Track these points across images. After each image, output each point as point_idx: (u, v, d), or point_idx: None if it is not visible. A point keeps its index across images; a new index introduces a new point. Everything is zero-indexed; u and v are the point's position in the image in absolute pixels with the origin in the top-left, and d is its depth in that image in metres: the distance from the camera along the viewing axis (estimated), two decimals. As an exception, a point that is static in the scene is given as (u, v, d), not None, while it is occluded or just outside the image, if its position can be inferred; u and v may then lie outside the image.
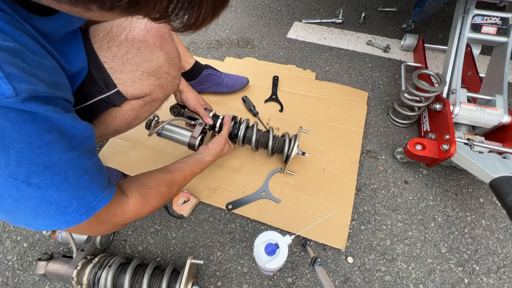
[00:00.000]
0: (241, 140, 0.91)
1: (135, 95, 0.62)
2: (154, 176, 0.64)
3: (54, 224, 0.40)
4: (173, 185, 0.67)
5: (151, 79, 0.62)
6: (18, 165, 0.34)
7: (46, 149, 0.35)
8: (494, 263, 0.85)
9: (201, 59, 1.17)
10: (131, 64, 0.58)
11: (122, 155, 1.05)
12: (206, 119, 0.88)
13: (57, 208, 0.39)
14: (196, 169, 0.77)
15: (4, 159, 0.32)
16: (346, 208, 0.92)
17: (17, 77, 0.31)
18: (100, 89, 0.58)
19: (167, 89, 0.67)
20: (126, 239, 0.90)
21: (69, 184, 0.39)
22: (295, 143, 0.88)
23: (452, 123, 0.88)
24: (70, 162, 0.39)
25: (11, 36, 0.33)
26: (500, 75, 0.95)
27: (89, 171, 0.43)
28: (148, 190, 0.58)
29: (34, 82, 0.33)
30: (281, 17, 1.63)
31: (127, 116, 0.64)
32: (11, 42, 0.33)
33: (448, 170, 1.02)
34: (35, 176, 0.35)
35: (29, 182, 0.35)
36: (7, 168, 0.33)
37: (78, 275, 0.73)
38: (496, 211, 0.93)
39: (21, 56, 0.34)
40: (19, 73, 0.32)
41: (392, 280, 0.82)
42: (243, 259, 0.86)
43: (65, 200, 0.39)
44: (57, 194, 0.38)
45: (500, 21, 0.98)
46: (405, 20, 1.52)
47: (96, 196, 0.43)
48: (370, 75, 1.32)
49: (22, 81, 0.32)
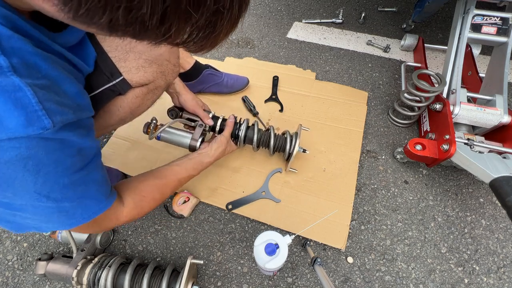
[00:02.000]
0: (242, 140, 0.91)
1: (139, 82, 0.64)
2: (148, 181, 0.66)
3: (60, 226, 0.46)
4: (167, 191, 0.70)
5: (153, 66, 0.64)
6: (43, 184, 0.40)
7: (67, 172, 0.42)
8: (494, 263, 0.85)
9: (201, 59, 1.17)
10: (134, 52, 0.61)
11: (122, 155, 1.05)
12: (207, 120, 0.88)
13: (66, 215, 0.45)
14: (193, 172, 0.78)
15: (34, 179, 0.39)
16: (346, 208, 0.92)
17: (54, 111, 0.37)
18: (106, 78, 0.60)
19: (168, 77, 0.70)
20: (126, 239, 0.90)
21: (79, 196, 0.46)
22: (296, 141, 0.88)
23: (452, 123, 0.88)
24: (83, 178, 0.46)
25: (45, 72, 0.39)
26: (500, 75, 0.95)
27: (97, 183, 0.49)
28: (141, 199, 0.62)
29: (65, 112, 0.40)
30: (281, 17, 1.63)
31: (131, 104, 0.66)
32: (44, 78, 0.38)
33: (448, 170, 1.02)
34: (54, 192, 0.42)
35: (49, 196, 0.41)
36: (34, 185, 0.39)
37: (78, 275, 0.73)
38: (496, 211, 0.93)
39: (54, 89, 0.40)
40: (55, 106, 0.38)
41: (392, 280, 0.82)
42: (243, 259, 0.85)
43: (73, 208, 0.45)
44: (68, 204, 0.44)
45: (500, 21, 0.98)
46: (405, 20, 1.52)
47: (98, 203, 0.49)
48: (370, 75, 1.32)
49: (57, 114, 0.38)
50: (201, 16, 0.26)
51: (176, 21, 0.26)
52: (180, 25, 0.27)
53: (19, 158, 0.36)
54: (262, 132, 0.93)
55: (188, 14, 0.25)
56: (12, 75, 0.33)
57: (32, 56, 0.38)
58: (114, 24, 0.26)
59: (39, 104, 0.35)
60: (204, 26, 0.28)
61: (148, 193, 0.64)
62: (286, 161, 0.97)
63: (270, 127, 0.93)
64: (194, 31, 0.28)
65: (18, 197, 0.40)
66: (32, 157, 0.37)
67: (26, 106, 0.34)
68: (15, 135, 0.34)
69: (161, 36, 0.28)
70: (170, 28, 0.27)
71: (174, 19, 0.26)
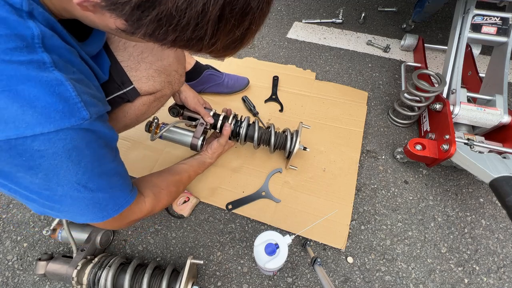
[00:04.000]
0: (243, 138, 0.91)
1: (148, 91, 0.66)
2: (163, 177, 0.71)
3: (93, 218, 0.49)
4: (180, 185, 0.75)
5: (162, 76, 0.67)
6: (83, 174, 0.43)
7: (101, 161, 0.45)
8: (494, 263, 0.85)
9: (201, 59, 1.17)
10: (145, 63, 0.64)
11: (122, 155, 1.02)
12: (207, 118, 0.89)
13: (100, 206, 0.48)
14: (198, 170, 0.85)
15: (76, 169, 0.41)
16: (346, 208, 0.92)
17: (89, 103, 0.40)
18: (117, 86, 0.62)
19: (174, 86, 0.73)
20: (126, 239, 0.90)
21: (111, 187, 0.49)
22: (297, 138, 0.88)
23: (452, 123, 0.88)
24: (113, 169, 0.49)
25: (77, 66, 0.43)
26: (500, 75, 0.95)
27: (122, 175, 0.52)
28: (160, 191, 0.66)
29: (97, 104, 0.43)
30: (281, 17, 1.63)
31: (138, 111, 0.69)
32: (78, 73, 0.42)
33: (448, 170, 1.02)
34: (91, 182, 0.44)
35: (86, 186, 0.44)
36: (76, 175, 0.42)
37: (78, 275, 0.73)
38: (496, 211, 0.93)
39: (85, 83, 0.43)
40: (89, 98, 0.41)
41: (392, 280, 0.82)
42: (243, 259, 0.86)
43: (105, 200, 0.48)
44: (102, 195, 0.47)
45: (500, 21, 0.98)
46: (405, 20, 1.52)
47: (125, 196, 0.53)
48: (370, 75, 1.32)
49: (92, 106, 0.41)
50: (239, 32, 0.34)
51: (223, 37, 0.34)
52: (223, 40, 0.34)
53: (66, 149, 0.39)
54: (263, 130, 0.93)
55: (232, 31, 0.33)
56: (54, 71, 0.36)
57: (67, 53, 0.41)
58: (177, 41, 0.33)
59: (78, 97, 0.38)
60: (238, 39, 0.35)
61: (165, 186, 0.68)
62: (286, 158, 0.97)
63: (270, 125, 0.93)
64: (229, 43, 0.35)
65: (60, 187, 0.42)
66: (75, 148, 0.39)
67: (68, 99, 0.37)
68: (61, 127, 0.37)
69: (208, 48, 0.35)
70: (216, 42, 0.34)
71: (221, 35, 0.33)
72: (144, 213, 0.60)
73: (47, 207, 0.45)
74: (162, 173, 0.73)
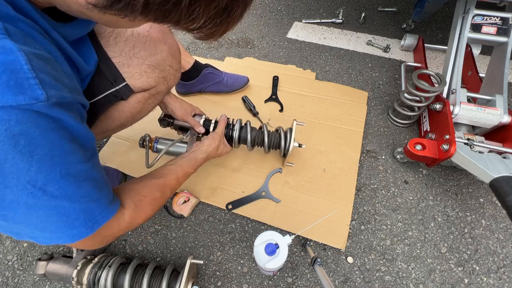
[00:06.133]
0: (237, 141, 0.90)
1: (142, 87, 0.64)
2: (146, 182, 0.61)
3: (60, 237, 0.40)
4: (166, 190, 0.64)
5: (156, 72, 0.64)
6: (38, 172, 0.34)
7: (64, 158, 0.36)
8: (494, 263, 0.85)
9: (201, 59, 1.17)
10: (137, 58, 0.61)
11: (122, 155, 1.05)
12: (197, 128, 0.87)
13: (66, 220, 0.39)
14: (189, 169, 0.74)
15: (27, 164, 0.33)
16: (346, 208, 0.92)
17: (48, 83, 0.33)
18: (109, 83, 0.59)
19: (169, 82, 0.70)
20: (126, 239, 0.90)
21: (81, 195, 0.40)
22: (291, 136, 0.87)
23: (452, 123, 0.88)
24: (83, 173, 0.39)
25: (41, 44, 0.36)
26: (500, 75, 0.95)
27: (98, 183, 0.43)
28: (141, 199, 0.56)
29: (60, 88, 0.35)
30: (281, 17, 1.63)
31: (133, 109, 0.66)
32: (42, 50, 0.35)
33: (448, 170, 1.02)
34: (51, 184, 0.36)
35: (45, 190, 0.35)
36: (28, 173, 0.34)
37: (78, 275, 0.73)
38: (496, 211, 0.93)
39: (50, 63, 0.36)
40: (50, 79, 0.33)
41: (392, 280, 0.82)
42: (243, 259, 0.85)
43: (74, 212, 0.39)
44: (68, 204, 0.38)
45: (500, 21, 0.98)
46: (405, 20, 1.52)
47: (102, 209, 0.44)
48: (370, 75, 1.32)
49: (52, 87, 0.33)
50: (223, 0, 0.29)
51: (204, 2, 0.29)
52: (205, 7, 0.29)
53: (9, 135, 0.30)
54: (256, 131, 0.92)
55: None
56: (5, 38, 0.30)
57: (31, 29, 0.35)
58: (150, 3, 0.28)
59: (32, 72, 0.31)
60: (222, 11, 0.30)
61: (148, 192, 0.58)
62: (282, 157, 0.96)
63: (263, 125, 0.92)
64: (212, 15, 0.30)
65: (8, 189, 0.34)
66: (24, 134, 0.31)
67: (17, 71, 0.30)
68: (3, 104, 0.29)
69: (185, 18, 0.30)
70: (197, 9, 0.29)
71: (202, 1, 0.28)
72: (123, 227, 0.50)
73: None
74: (144, 177, 0.63)
